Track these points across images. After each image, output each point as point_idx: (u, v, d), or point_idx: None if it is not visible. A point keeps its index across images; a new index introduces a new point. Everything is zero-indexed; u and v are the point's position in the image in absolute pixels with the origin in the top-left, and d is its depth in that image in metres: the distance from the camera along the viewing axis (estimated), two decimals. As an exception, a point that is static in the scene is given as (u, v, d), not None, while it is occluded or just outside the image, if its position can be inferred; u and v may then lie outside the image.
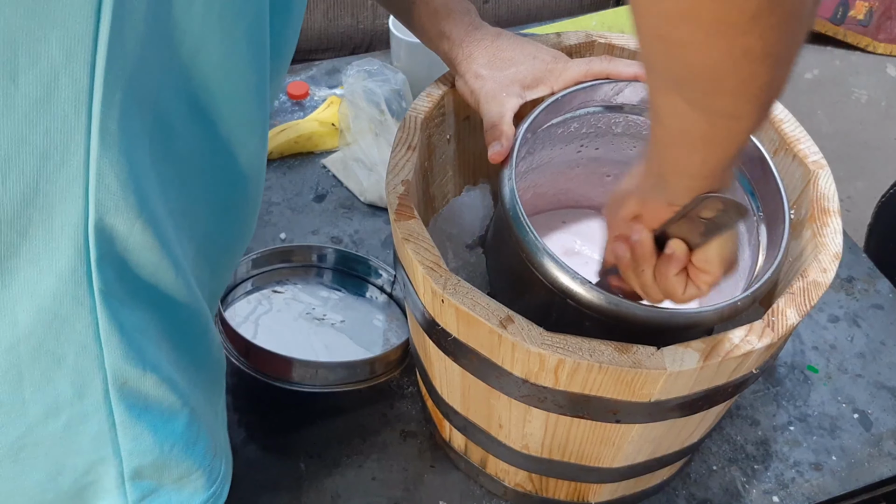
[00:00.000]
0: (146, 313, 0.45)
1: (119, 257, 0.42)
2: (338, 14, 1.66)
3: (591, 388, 0.59)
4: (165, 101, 0.43)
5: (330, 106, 1.17)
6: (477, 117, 0.80)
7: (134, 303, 0.44)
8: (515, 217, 0.62)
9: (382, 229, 1.05)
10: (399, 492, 0.82)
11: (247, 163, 0.51)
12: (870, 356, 0.95)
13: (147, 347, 0.45)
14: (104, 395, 0.45)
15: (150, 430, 0.47)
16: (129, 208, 0.41)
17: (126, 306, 0.44)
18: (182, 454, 0.50)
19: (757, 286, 0.62)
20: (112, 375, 0.44)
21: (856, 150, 2.15)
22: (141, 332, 0.45)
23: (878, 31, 2.40)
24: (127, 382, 0.45)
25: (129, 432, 0.46)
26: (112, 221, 0.41)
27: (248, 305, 0.90)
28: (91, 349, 0.43)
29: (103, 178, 0.40)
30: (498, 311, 0.58)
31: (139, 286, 0.44)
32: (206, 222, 0.50)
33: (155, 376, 0.46)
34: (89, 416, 0.45)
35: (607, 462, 0.70)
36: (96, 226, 0.40)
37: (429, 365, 0.74)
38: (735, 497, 0.83)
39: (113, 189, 0.40)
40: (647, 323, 0.60)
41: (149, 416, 0.47)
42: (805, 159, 0.72)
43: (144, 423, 0.47)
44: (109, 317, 0.43)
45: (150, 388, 0.46)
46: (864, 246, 1.26)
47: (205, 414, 0.52)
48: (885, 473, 0.86)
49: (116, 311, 0.43)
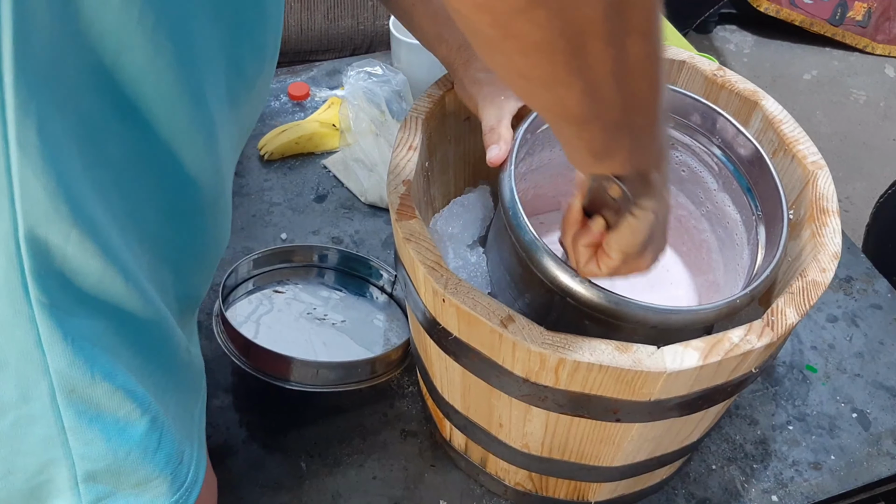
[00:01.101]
0: (96, 321, 0.45)
1: (57, 267, 0.42)
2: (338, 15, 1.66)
3: (591, 387, 0.59)
4: (89, 105, 0.42)
5: (331, 107, 1.17)
6: (477, 118, 0.81)
7: (81, 311, 0.44)
8: (515, 217, 0.63)
9: (383, 229, 1.06)
10: (399, 491, 0.82)
11: (193, 167, 0.49)
12: (868, 356, 0.96)
13: (98, 356, 0.45)
14: (51, 399, 0.44)
15: (103, 437, 0.47)
16: (62, 218, 0.40)
17: (72, 315, 0.43)
18: (140, 461, 0.49)
19: (755, 284, 0.63)
20: (58, 382, 0.44)
21: (854, 150, 2.16)
22: (90, 341, 0.44)
23: (876, 32, 2.41)
24: (75, 390, 0.44)
25: (79, 437, 0.46)
26: (43, 232, 0.40)
27: (249, 305, 0.90)
28: (33, 356, 0.43)
29: (28, 188, 0.39)
30: (499, 311, 0.59)
31: (84, 295, 0.44)
32: (155, 225, 0.49)
33: (107, 384, 0.45)
34: (36, 419, 0.45)
35: (607, 461, 0.70)
36: (27, 237, 0.40)
37: (429, 364, 0.74)
38: (734, 496, 0.84)
39: (40, 199, 0.39)
40: (646, 321, 0.60)
41: (101, 423, 0.46)
42: (804, 160, 0.72)
43: (96, 430, 0.46)
44: (51, 325, 0.42)
45: (102, 396, 0.46)
46: (862, 246, 1.26)
47: (174, 419, 0.52)
48: (884, 472, 0.86)
49: (60, 319, 0.43)
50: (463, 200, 0.82)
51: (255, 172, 1.12)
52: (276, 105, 1.21)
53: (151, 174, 0.47)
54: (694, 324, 0.62)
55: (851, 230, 1.72)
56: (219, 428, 0.86)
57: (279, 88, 1.23)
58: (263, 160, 1.13)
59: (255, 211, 1.07)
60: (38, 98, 0.38)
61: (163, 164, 0.48)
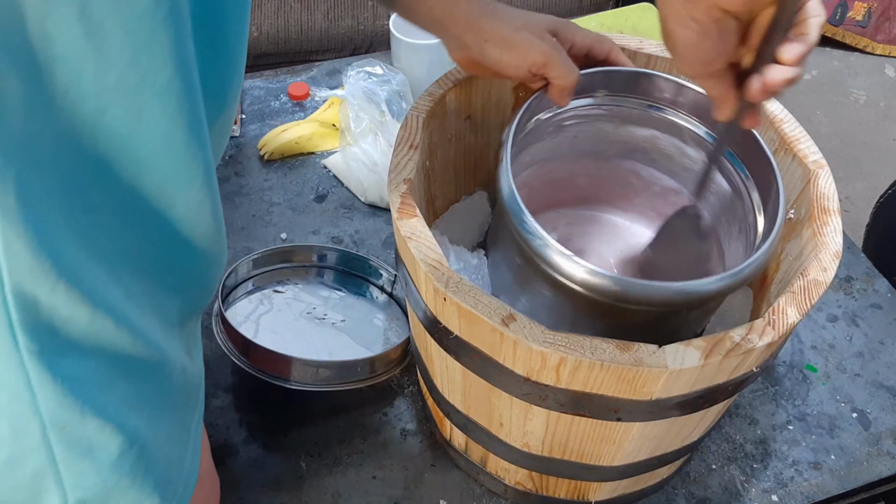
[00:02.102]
0: (86, 361, 0.45)
1: (45, 317, 0.42)
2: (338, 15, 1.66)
3: (592, 386, 0.59)
4: (70, 163, 0.42)
5: (331, 106, 1.17)
6: (478, 117, 0.81)
7: (71, 353, 0.44)
8: (513, 206, 0.62)
9: (383, 229, 1.06)
10: (399, 490, 0.82)
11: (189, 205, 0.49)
12: (868, 355, 0.96)
13: (88, 392, 0.45)
14: (42, 437, 0.45)
15: (94, 468, 0.47)
16: (47, 273, 0.41)
17: (64, 356, 0.43)
18: (128, 487, 0.49)
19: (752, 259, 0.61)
20: (49, 421, 0.44)
21: (854, 150, 2.16)
22: (80, 380, 0.45)
23: (876, 32, 2.41)
24: (66, 427, 0.45)
25: (71, 469, 0.46)
26: (30, 287, 0.40)
27: (249, 305, 0.90)
28: (23, 397, 0.43)
29: (11, 248, 0.39)
30: (500, 309, 0.59)
31: (74, 339, 0.44)
32: (151, 257, 0.49)
33: (98, 419, 0.46)
34: (28, 455, 0.45)
35: (608, 460, 0.70)
36: (13, 291, 0.40)
37: (430, 363, 0.74)
38: (734, 496, 0.84)
39: (24, 258, 0.40)
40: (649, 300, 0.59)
41: (92, 456, 0.47)
42: (805, 159, 0.72)
43: (87, 462, 0.47)
44: (41, 370, 0.42)
45: (93, 430, 0.46)
46: (862, 246, 1.26)
47: (165, 441, 0.52)
48: (884, 472, 0.86)
49: (50, 364, 0.43)
50: (462, 206, 0.82)
51: (254, 172, 1.12)
52: (276, 105, 1.21)
53: (144, 214, 0.47)
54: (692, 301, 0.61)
55: (851, 230, 1.72)
56: (219, 428, 0.86)
57: (279, 88, 1.23)
58: (263, 160, 1.13)
59: (255, 211, 1.07)
60: (15, 164, 0.38)
61: (156, 205, 0.47)
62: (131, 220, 0.47)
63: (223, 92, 0.53)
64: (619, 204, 0.88)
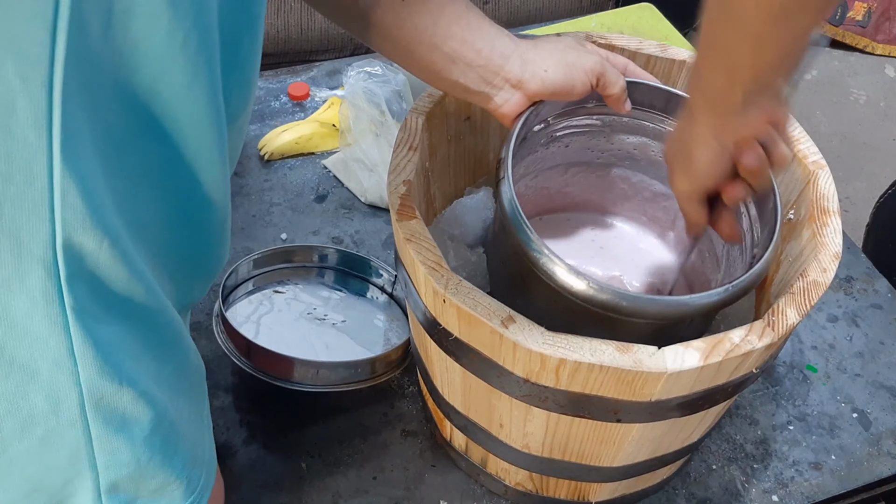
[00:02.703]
0: (121, 327, 0.45)
1: (90, 274, 0.42)
2: (338, 15, 1.66)
3: (592, 387, 0.59)
4: (117, 118, 0.42)
5: (331, 107, 1.17)
6: (477, 118, 0.81)
7: (108, 318, 0.44)
8: (513, 215, 0.63)
9: (383, 229, 1.06)
10: (400, 491, 0.82)
11: (210, 186, 0.50)
12: (868, 356, 0.96)
13: (123, 362, 0.45)
14: (80, 410, 0.44)
15: (128, 444, 0.47)
16: (95, 225, 0.41)
17: (100, 322, 0.43)
18: (159, 466, 0.49)
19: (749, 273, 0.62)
20: (88, 391, 0.44)
21: (854, 150, 2.16)
22: (117, 347, 0.45)
23: (876, 32, 2.41)
24: (103, 398, 0.45)
25: (105, 447, 0.46)
26: (80, 239, 0.41)
27: (250, 305, 0.90)
28: (65, 366, 0.43)
29: (68, 197, 0.39)
30: (499, 311, 0.59)
31: (112, 301, 0.44)
32: (162, 236, 0.49)
33: (132, 391, 0.46)
34: (65, 431, 0.45)
35: (608, 461, 0.70)
36: (64, 245, 0.40)
37: (430, 364, 0.74)
38: (735, 496, 0.84)
39: (78, 208, 0.40)
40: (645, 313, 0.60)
41: (126, 431, 0.47)
42: (804, 159, 0.72)
43: (122, 438, 0.46)
44: (83, 334, 0.43)
45: (128, 402, 0.46)
46: (862, 246, 1.26)
47: (186, 423, 0.52)
48: (884, 472, 0.86)
49: (90, 327, 0.43)
50: (465, 202, 0.82)
51: (255, 172, 1.12)
52: (276, 105, 1.21)
53: (167, 188, 0.48)
54: (691, 314, 0.62)
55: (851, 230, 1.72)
56: (219, 428, 0.86)
57: (279, 88, 1.23)
58: (263, 160, 1.13)
59: (256, 211, 1.07)
60: (80, 106, 0.39)
61: (181, 181, 0.48)
62: (158, 194, 0.47)
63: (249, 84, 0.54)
64: (610, 210, 0.89)
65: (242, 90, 0.54)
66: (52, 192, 0.39)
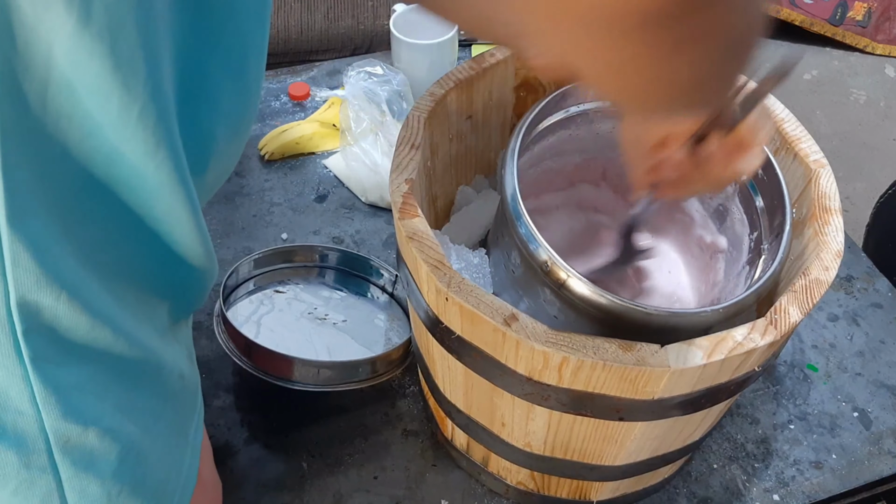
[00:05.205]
0: (84, 369, 0.46)
1: (48, 327, 0.43)
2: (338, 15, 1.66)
3: (594, 385, 0.59)
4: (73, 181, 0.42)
5: (331, 107, 1.17)
6: (479, 117, 0.81)
7: (70, 361, 0.45)
8: (514, 206, 0.62)
9: (383, 229, 1.06)
10: (401, 490, 0.82)
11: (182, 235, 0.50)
12: (869, 355, 0.96)
13: (87, 402, 0.46)
14: (48, 456, 0.45)
15: (97, 480, 0.47)
16: (52, 281, 0.41)
17: (61, 366, 0.44)
18: (129, 496, 0.50)
19: (759, 285, 0.63)
20: (53, 436, 0.45)
21: (854, 150, 2.16)
22: (80, 388, 0.45)
23: (876, 32, 2.41)
24: (69, 440, 0.45)
25: (75, 486, 0.47)
26: (35, 297, 0.41)
27: (251, 305, 0.90)
28: (28, 414, 0.43)
29: (19, 260, 0.40)
30: (502, 309, 0.59)
31: (73, 347, 0.45)
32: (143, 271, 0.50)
33: (97, 429, 0.46)
34: (36, 481, 0.46)
35: (609, 460, 0.70)
36: (18, 303, 0.41)
37: (431, 363, 0.74)
38: (736, 495, 0.84)
39: (30, 268, 0.40)
40: (649, 324, 0.60)
41: (94, 468, 0.47)
42: (806, 158, 0.72)
43: (90, 475, 0.47)
44: (43, 381, 0.43)
45: (94, 440, 0.46)
46: (862, 246, 1.26)
47: (162, 447, 0.53)
48: (885, 472, 0.86)
49: (51, 374, 0.43)
50: (472, 209, 0.82)
51: (255, 172, 1.12)
52: (277, 105, 1.21)
53: (140, 236, 0.48)
54: (697, 326, 0.62)
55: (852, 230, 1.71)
56: (220, 428, 0.86)
57: (279, 88, 1.23)
58: (264, 160, 1.13)
59: (256, 211, 1.07)
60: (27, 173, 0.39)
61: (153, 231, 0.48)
62: (127, 236, 0.47)
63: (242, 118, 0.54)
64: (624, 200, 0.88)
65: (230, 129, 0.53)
66: (2, 259, 0.39)
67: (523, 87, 0.82)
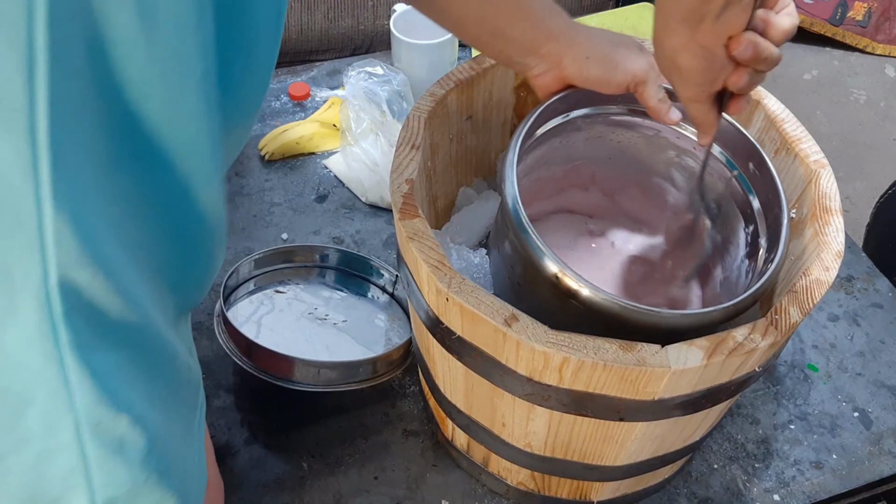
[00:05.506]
0: (116, 354, 0.45)
1: (86, 307, 0.42)
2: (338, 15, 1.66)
3: (595, 386, 0.59)
4: (106, 148, 0.42)
5: (331, 107, 1.17)
6: (479, 117, 0.81)
7: (103, 347, 0.44)
8: (517, 218, 0.62)
9: (384, 229, 1.06)
10: (401, 491, 0.82)
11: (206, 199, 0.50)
12: (870, 355, 0.96)
13: (120, 388, 0.45)
14: (76, 434, 0.45)
15: (125, 466, 0.47)
16: (91, 260, 0.41)
17: (95, 351, 0.44)
18: (156, 484, 0.49)
19: (759, 285, 0.63)
20: (85, 418, 0.44)
21: (854, 150, 2.16)
22: (112, 375, 0.45)
23: (876, 32, 2.41)
24: (100, 424, 0.45)
25: (102, 467, 0.46)
26: (75, 276, 0.41)
27: (251, 305, 0.90)
28: (61, 395, 0.43)
29: (62, 238, 0.39)
30: (502, 310, 0.59)
31: (107, 330, 0.44)
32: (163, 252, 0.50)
33: (128, 416, 0.46)
34: (60, 452, 0.45)
35: (610, 460, 0.70)
36: (60, 283, 0.40)
37: (432, 364, 0.74)
38: (736, 495, 0.84)
39: (72, 246, 0.40)
40: (651, 325, 0.60)
41: (123, 454, 0.47)
42: (806, 159, 0.72)
43: (118, 460, 0.47)
44: (79, 365, 0.43)
45: (124, 428, 0.46)
46: (862, 246, 1.26)
47: (178, 439, 0.53)
48: (886, 472, 0.86)
49: (86, 358, 0.43)
50: (474, 208, 0.82)
51: (255, 173, 1.12)
52: (277, 105, 1.21)
53: (164, 206, 0.48)
54: (698, 327, 0.62)
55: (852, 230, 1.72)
56: (220, 428, 0.86)
57: (280, 88, 1.23)
58: (264, 160, 1.13)
59: (256, 211, 1.07)
60: (71, 144, 0.39)
61: (178, 198, 0.48)
62: (153, 213, 0.47)
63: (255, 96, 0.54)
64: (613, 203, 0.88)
65: (239, 108, 0.54)
66: (42, 235, 0.39)
67: (523, 88, 0.83)
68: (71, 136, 0.39)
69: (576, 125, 0.75)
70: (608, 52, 0.68)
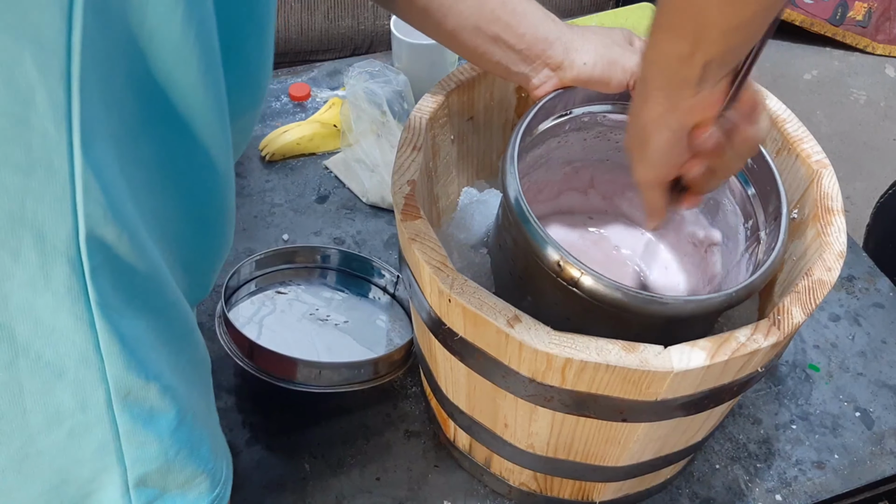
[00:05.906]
0: (143, 321, 0.45)
1: (112, 267, 0.42)
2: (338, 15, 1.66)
3: (597, 387, 0.59)
4: (132, 108, 0.42)
5: (332, 107, 1.17)
6: (480, 118, 0.81)
7: (131, 312, 0.44)
8: (518, 209, 0.62)
9: (384, 230, 1.06)
10: (403, 492, 0.82)
11: (221, 172, 0.51)
12: (871, 355, 0.96)
13: (148, 356, 0.45)
14: (107, 406, 0.44)
15: (156, 439, 0.47)
16: (115, 217, 0.41)
17: (124, 316, 0.43)
18: (187, 459, 0.49)
19: (760, 272, 0.62)
20: (115, 387, 0.44)
21: (855, 150, 2.16)
22: (140, 342, 0.45)
23: (876, 32, 2.41)
24: (130, 393, 0.45)
25: (133, 441, 0.46)
26: (102, 232, 0.40)
27: (252, 306, 0.90)
28: (92, 362, 0.43)
29: (89, 190, 0.39)
30: (505, 311, 0.59)
31: (133, 294, 0.44)
32: (177, 226, 0.49)
33: (157, 385, 0.46)
34: (92, 426, 0.45)
35: (612, 461, 0.70)
36: (88, 238, 0.40)
37: (434, 365, 0.74)
38: (738, 496, 0.84)
39: (99, 200, 0.40)
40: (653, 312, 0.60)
41: (153, 425, 0.47)
42: (808, 159, 0.72)
43: (149, 432, 0.46)
44: (109, 329, 0.42)
45: (154, 397, 0.46)
46: (862, 246, 1.26)
47: (205, 416, 0.52)
48: (887, 471, 0.86)
49: (115, 322, 0.43)
50: (469, 205, 0.81)
51: (256, 173, 1.12)
52: (277, 106, 1.21)
53: (180, 177, 0.48)
54: (700, 314, 0.62)
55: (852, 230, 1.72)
56: (222, 429, 0.86)
57: (280, 89, 1.23)
58: (265, 161, 1.13)
59: (257, 212, 1.07)
60: (98, 97, 0.38)
61: (193, 169, 0.48)
62: (171, 183, 0.47)
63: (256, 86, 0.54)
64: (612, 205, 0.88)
65: (245, 90, 0.54)
66: (73, 186, 0.38)
67: (524, 88, 0.82)
68: (100, 90, 0.38)
69: (575, 124, 0.75)
70: (604, 53, 0.69)
